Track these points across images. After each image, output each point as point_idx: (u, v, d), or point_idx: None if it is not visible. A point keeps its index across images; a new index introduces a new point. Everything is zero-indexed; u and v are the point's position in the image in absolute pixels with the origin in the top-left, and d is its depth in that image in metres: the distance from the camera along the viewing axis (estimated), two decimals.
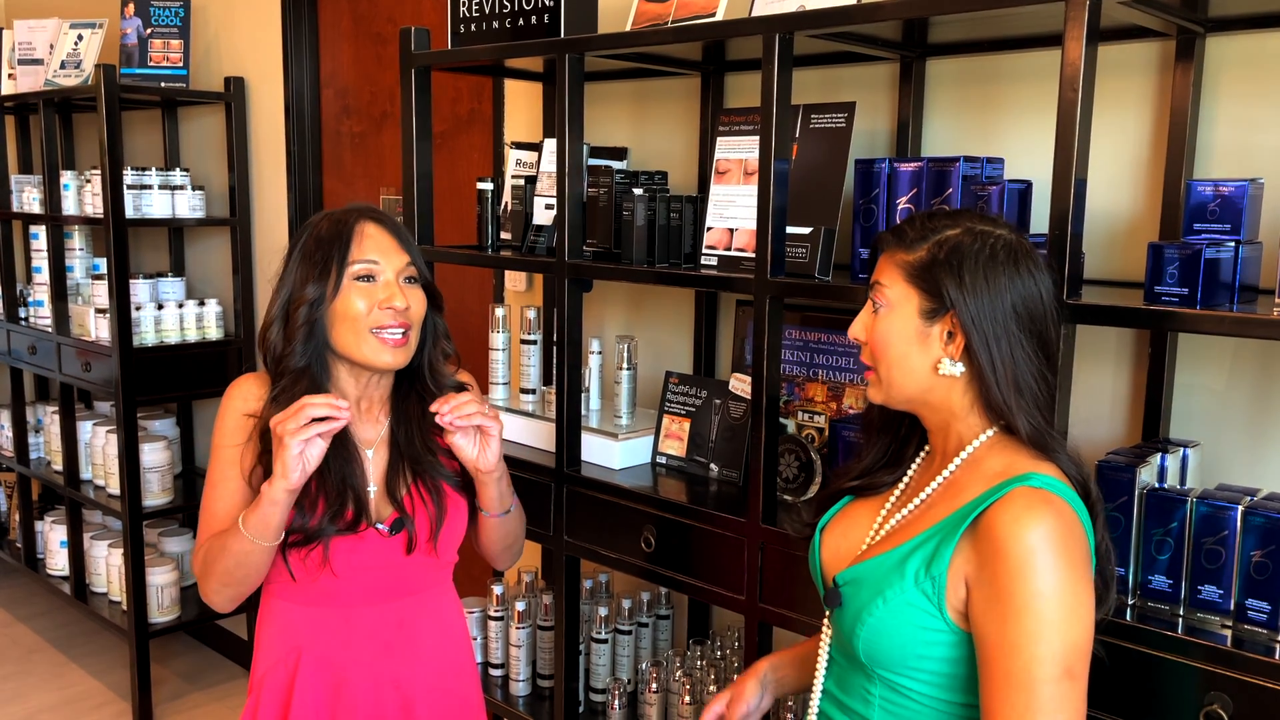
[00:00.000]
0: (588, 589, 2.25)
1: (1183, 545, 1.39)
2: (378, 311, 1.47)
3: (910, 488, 1.31)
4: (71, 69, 3.44)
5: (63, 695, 3.46)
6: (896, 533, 1.24)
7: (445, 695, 1.62)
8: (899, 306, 1.21)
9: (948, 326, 1.19)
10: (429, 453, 1.57)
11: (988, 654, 1.10)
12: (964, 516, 1.15)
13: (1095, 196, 1.63)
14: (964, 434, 1.23)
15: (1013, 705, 1.08)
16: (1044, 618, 1.07)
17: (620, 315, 2.44)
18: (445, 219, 2.80)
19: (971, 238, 1.19)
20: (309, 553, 1.48)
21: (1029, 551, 1.08)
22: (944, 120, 1.87)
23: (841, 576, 1.24)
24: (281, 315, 1.50)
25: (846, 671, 1.27)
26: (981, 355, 1.16)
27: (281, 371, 1.50)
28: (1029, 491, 1.12)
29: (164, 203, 3.35)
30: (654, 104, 2.33)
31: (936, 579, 1.15)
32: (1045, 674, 1.07)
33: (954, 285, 1.16)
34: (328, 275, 1.47)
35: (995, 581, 1.09)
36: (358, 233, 1.50)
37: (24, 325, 3.70)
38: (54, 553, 3.80)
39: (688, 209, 1.94)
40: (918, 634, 1.16)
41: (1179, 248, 1.34)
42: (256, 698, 1.57)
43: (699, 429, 2.00)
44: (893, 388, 1.24)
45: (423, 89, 2.20)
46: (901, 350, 1.21)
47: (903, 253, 1.22)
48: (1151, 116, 1.65)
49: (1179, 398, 1.64)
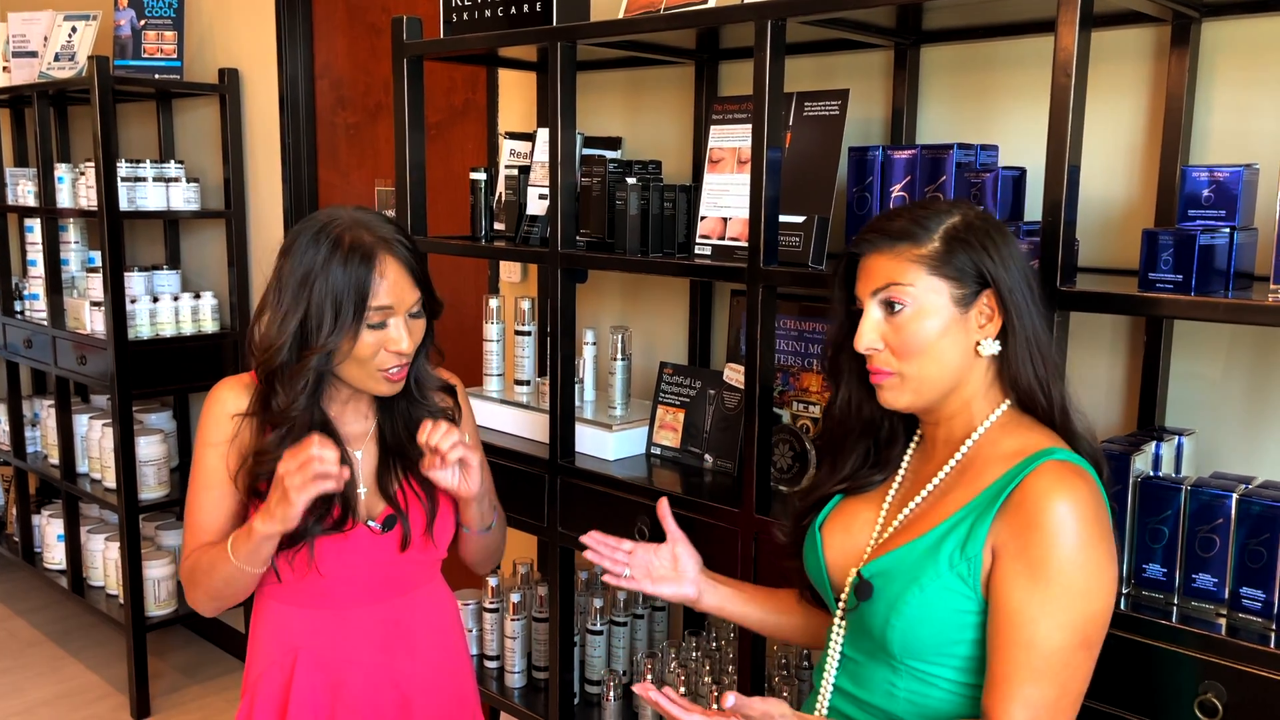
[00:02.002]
0: (583, 581, 2.25)
1: (1177, 533, 1.38)
2: (384, 354, 1.45)
3: (911, 477, 1.31)
4: (66, 61, 3.43)
5: (60, 689, 3.46)
6: (915, 521, 1.24)
7: (442, 690, 1.62)
8: (926, 300, 1.19)
9: (985, 306, 1.20)
10: (416, 446, 1.55)
11: (1007, 619, 1.11)
12: (996, 494, 1.16)
13: (1090, 183, 1.62)
14: (973, 416, 1.23)
15: (1029, 667, 1.09)
16: (1070, 587, 1.09)
17: (615, 306, 2.43)
18: (440, 210, 2.78)
19: (974, 216, 1.21)
20: (295, 554, 1.47)
21: (1060, 521, 1.09)
22: (938, 108, 1.86)
23: (868, 570, 1.23)
24: (292, 346, 1.43)
25: (865, 667, 1.26)
26: (1021, 328, 1.18)
27: (283, 409, 1.45)
28: (1059, 464, 1.13)
29: (159, 195, 3.34)
30: (648, 93, 2.32)
31: (972, 560, 1.15)
32: (1065, 642, 1.09)
33: (989, 261, 1.18)
34: (345, 324, 1.41)
35: (1026, 550, 1.11)
36: (378, 273, 1.42)
37: (19, 319, 3.69)
38: (51, 546, 3.80)
39: (681, 198, 1.93)
40: (953, 618, 1.16)
41: (1173, 234, 1.33)
42: (251, 699, 1.56)
43: (693, 419, 1.99)
44: (925, 385, 1.21)
45: (415, 79, 2.19)
46: (940, 345, 1.20)
47: (913, 248, 1.20)
48: (1146, 103, 1.64)
49: (1174, 386, 1.63)
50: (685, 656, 2.06)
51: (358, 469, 1.54)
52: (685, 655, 2.07)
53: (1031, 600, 1.10)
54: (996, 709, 1.12)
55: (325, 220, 1.46)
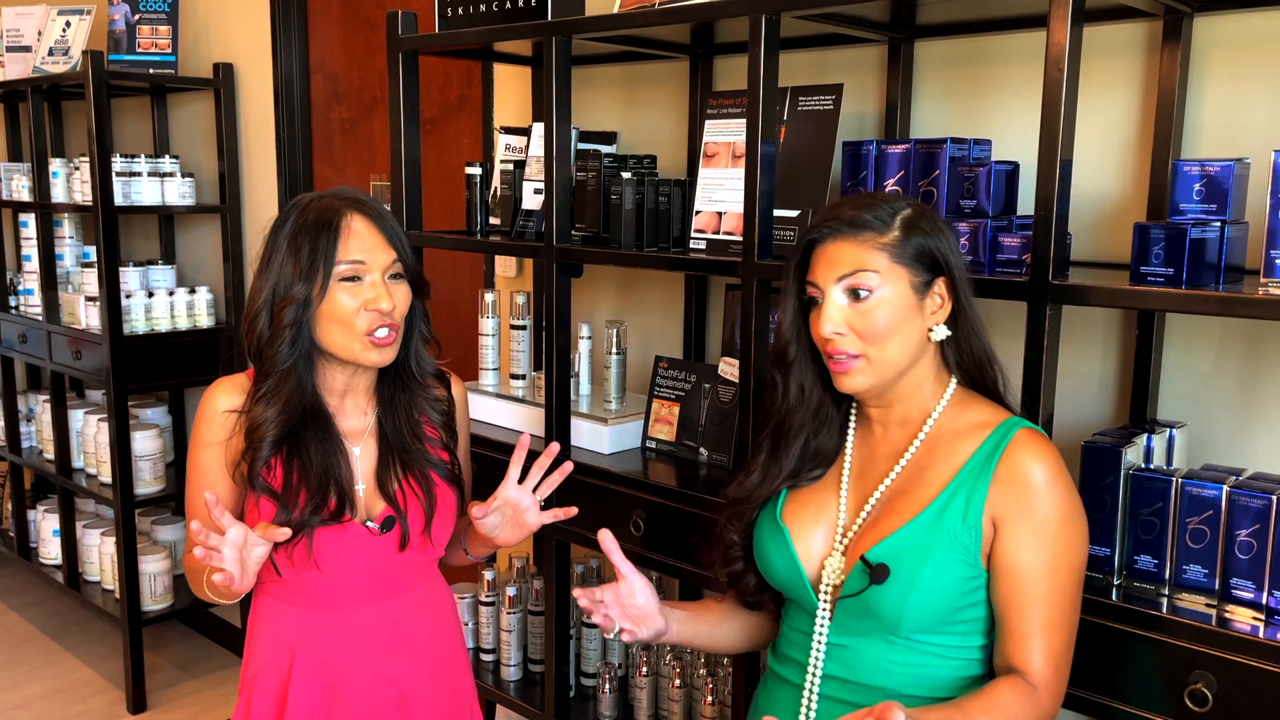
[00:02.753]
0: (579, 574, 2.26)
1: (1168, 525, 1.39)
2: (364, 313, 1.45)
3: (865, 460, 1.34)
4: (60, 55, 3.42)
5: (57, 684, 3.46)
6: (895, 500, 1.28)
7: (440, 690, 1.61)
8: (888, 287, 1.25)
9: (938, 293, 1.27)
10: (417, 440, 1.56)
11: (1022, 580, 1.20)
12: (984, 463, 1.23)
13: (1082, 178, 1.63)
14: (925, 400, 1.31)
15: (1047, 620, 1.20)
16: (1069, 540, 1.21)
17: (610, 300, 2.43)
18: (435, 204, 2.79)
19: (922, 208, 1.29)
20: (294, 547, 1.46)
21: (1050, 482, 1.21)
22: (932, 102, 1.87)
23: (874, 553, 1.24)
24: (268, 309, 1.47)
25: (855, 651, 1.28)
26: (968, 310, 1.27)
27: (267, 371, 1.47)
28: (1030, 433, 1.24)
29: (153, 190, 3.33)
30: (643, 88, 2.32)
31: (973, 529, 1.22)
32: (1071, 591, 1.22)
33: (945, 251, 1.26)
34: (314, 276, 1.43)
35: (1030, 515, 1.20)
36: (344, 228, 1.45)
37: (14, 314, 3.69)
38: (47, 541, 3.80)
39: (676, 192, 1.93)
40: (960, 586, 1.23)
41: (1165, 228, 1.34)
42: (248, 698, 1.55)
43: (689, 413, 2.00)
44: (885, 368, 1.26)
45: (410, 73, 2.19)
46: (901, 329, 1.26)
47: (876, 237, 1.26)
48: (1139, 97, 1.65)
49: (1166, 379, 1.64)
50: (680, 649, 2.07)
51: (355, 465, 1.54)
52: (680, 648, 2.08)
53: (1042, 560, 1.20)
54: (1024, 664, 1.20)
55: (297, 199, 1.52)
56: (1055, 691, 1.21)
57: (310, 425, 1.49)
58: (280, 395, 1.46)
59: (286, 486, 1.46)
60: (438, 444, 1.59)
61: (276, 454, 1.47)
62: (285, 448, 1.48)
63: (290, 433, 1.47)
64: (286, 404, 1.46)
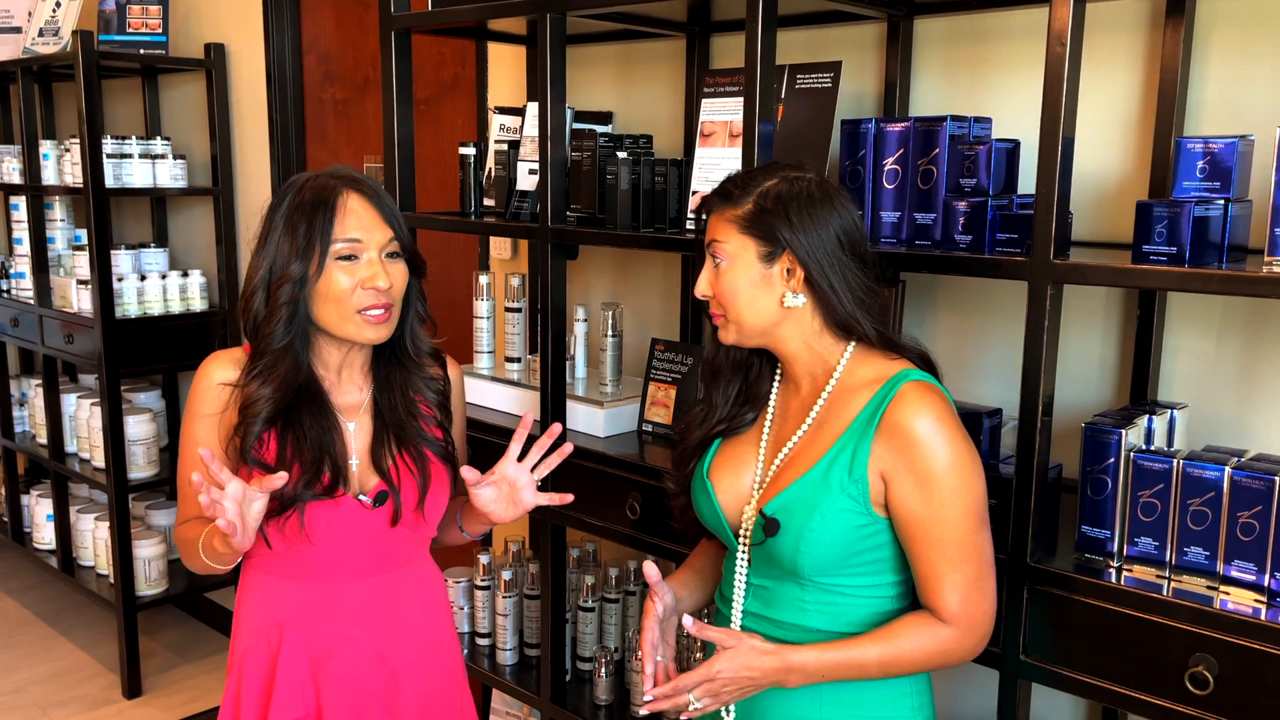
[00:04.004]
0: (575, 558, 2.24)
1: (1169, 507, 1.38)
2: (360, 292, 1.46)
3: (781, 415, 1.43)
4: (50, 36, 3.38)
5: (52, 668, 3.45)
6: (798, 455, 1.36)
7: (430, 668, 1.61)
8: (738, 257, 1.34)
9: (786, 264, 1.33)
10: (411, 418, 1.56)
11: (917, 527, 1.28)
12: (868, 419, 1.30)
13: (1084, 156, 1.61)
14: (826, 356, 1.37)
15: (948, 560, 1.28)
16: (957, 483, 1.27)
17: (606, 282, 2.41)
18: (430, 185, 2.76)
19: (788, 184, 1.33)
20: (285, 520, 1.46)
21: (931, 432, 1.27)
22: (932, 80, 1.85)
23: (770, 507, 1.34)
24: (264, 287, 1.47)
25: (773, 591, 1.38)
26: (821, 282, 1.32)
27: (262, 349, 1.48)
28: (914, 385, 1.30)
29: (145, 172, 3.31)
30: (640, 67, 2.30)
31: (859, 480, 1.30)
32: (969, 527, 1.28)
33: (785, 227, 1.31)
34: (311, 254, 1.44)
35: (913, 467, 1.27)
36: (340, 207, 1.46)
37: (6, 297, 3.66)
38: (40, 526, 3.78)
39: (672, 173, 1.91)
40: (852, 534, 1.31)
41: (1167, 206, 1.32)
42: (238, 674, 1.55)
43: (685, 396, 1.98)
44: (744, 328, 1.36)
45: (403, 52, 2.16)
46: (749, 295, 1.34)
47: (731, 209, 1.35)
48: (1141, 74, 1.63)
49: (1167, 360, 1.62)
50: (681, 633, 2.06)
51: (350, 440, 1.54)
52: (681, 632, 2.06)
53: (930, 506, 1.27)
54: (934, 600, 1.29)
55: (294, 178, 1.52)
56: (967, 625, 1.29)
57: (305, 401, 1.49)
58: (276, 373, 1.47)
59: (280, 460, 1.46)
60: (432, 422, 1.59)
61: (270, 429, 1.48)
62: (280, 422, 1.48)
63: (285, 408, 1.48)
64: (282, 382, 1.47)
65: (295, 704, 1.51)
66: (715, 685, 1.30)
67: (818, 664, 1.30)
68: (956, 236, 1.52)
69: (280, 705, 1.51)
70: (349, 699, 1.53)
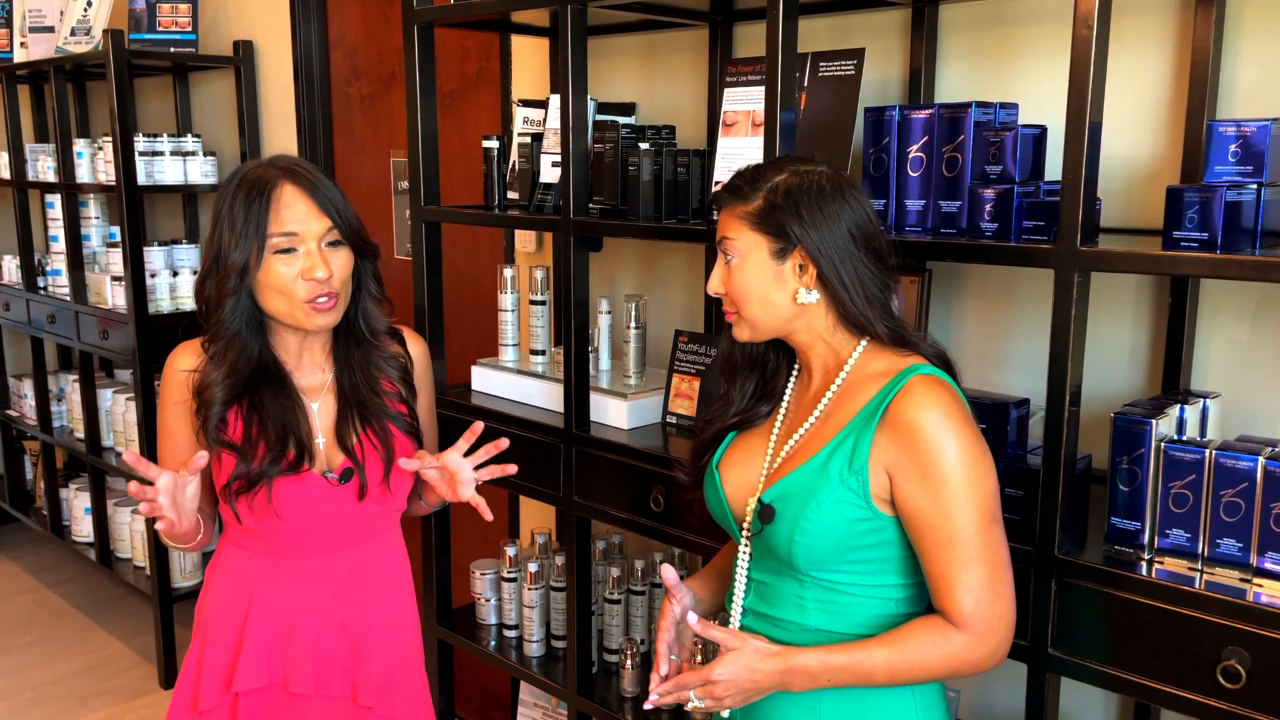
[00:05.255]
0: (601, 550, 2.24)
1: (1201, 499, 1.35)
2: (301, 282, 1.50)
3: (794, 408, 1.41)
4: (82, 35, 3.43)
5: (90, 659, 3.51)
6: (803, 446, 1.35)
7: (392, 639, 1.67)
8: (750, 254, 1.32)
9: (798, 260, 1.31)
10: (374, 394, 1.61)
11: (925, 525, 1.25)
12: (872, 412, 1.28)
13: (1112, 141, 1.58)
14: (839, 350, 1.35)
15: (958, 559, 1.23)
16: (966, 479, 1.23)
17: (630, 274, 2.41)
18: (456, 179, 2.77)
19: (798, 179, 1.31)
20: (254, 496, 1.52)
21: (938, 428, 1.23)
22: (957, 67, 1.82)
23: (768, 495, 1.33)
24: (213, 274, 1.52)
25: (772, 587, 1.36)
26: (833, 279, 1.29)
27: (213, 335, 1.54)
28: (922, 379, 1.27)
29: (176, 169, 3.34)
30: (662, 57, 2.29)
31: (859, 472, 1.27)
32: (978, 525, 1.23)
33: (795, 222, 1.29)
34: (249, 245, 1.48)
35: (919, 462, 1.24)
36: (275, 200, 1.49)
37: (43, 294, 3.71)
38: (79, 519, 3.84)
39: (695, 163, 1.90)
40: (850, 526, 1.28)
41: (1198, 191, 1.29)
42: (202, 641, 1.61)
43: (709, 388, 1.97)
44: (758, 325, 1.35)
45: (426, 46, 2.16)
46: (761, 292, 1.32)
47: (742, 206, 1.33)
48: (1171, 56, 1.59)
49: (1200, 348, 1.59)
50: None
51: (314, 421, 1.59)
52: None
53: (938, 504, 1.23)
54: (946, 603, 1.25)
55: (239, 167, 1.56)
56: (980, 630, 1.24)
57: (265, 382, 1.56)
58: (226, 358, 1.53)
59: (246, 439, 1.52)
60: (395, 398, 1.64)
61: (233, 410, 1.54)
62: (246, 403, 1.54)
63: (245, 390, 1.54)
64: (233, 367, 1.53)
65: (260, 672, 1.57)
66: (716, 689, 1.28)
67: (821, 667, 1.27)
68: (982, 224, 1.50)
69: (245, 673, 1.56)
70: (313, 668, 1.59)
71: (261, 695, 1.58)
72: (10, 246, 4.11)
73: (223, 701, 1.58)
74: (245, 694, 1.57)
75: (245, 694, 1.57)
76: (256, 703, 1.58)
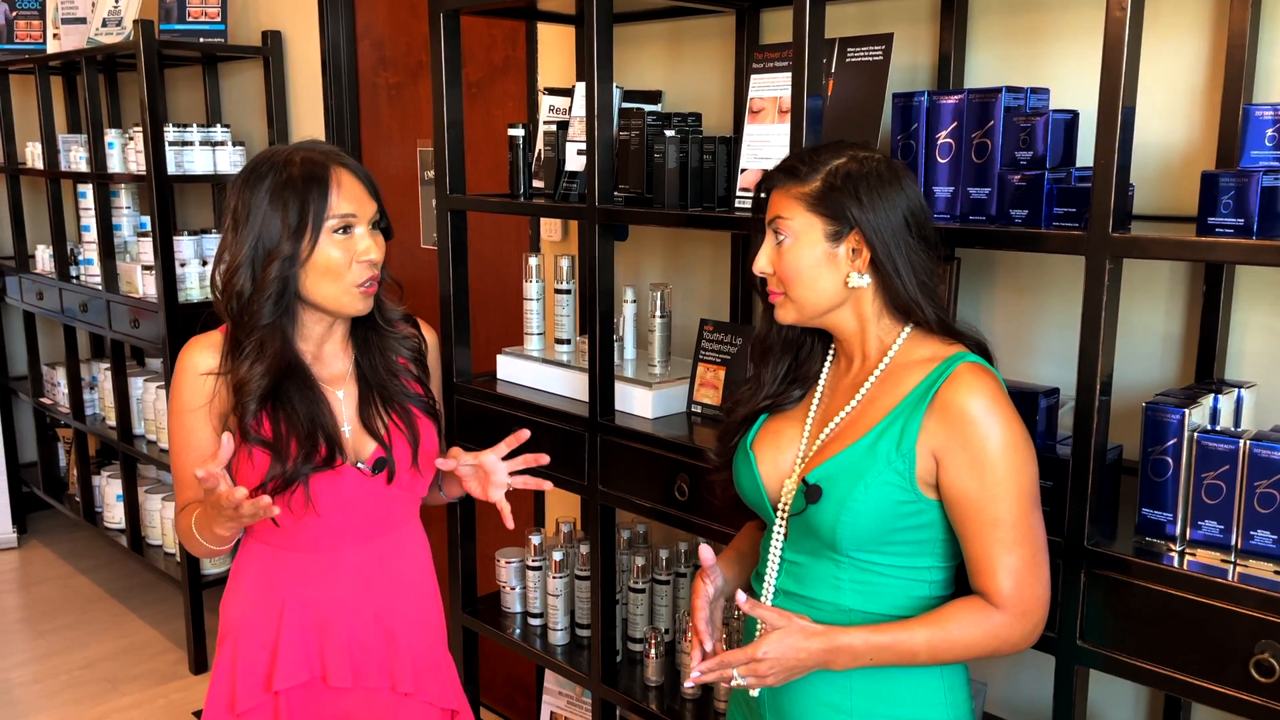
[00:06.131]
0: (625, 539, 2.24)
1: (1235, 490, 1.33)
2: (356, 266, 1.49)
3: (830, 392, 1.42)
4: (113, 26, 3.46)
5: (121, 644, 3.55)
6: (846, 429, 1.36)
7: (422, 625, 1.68)
8: (804, 234, 1.33)
9: (852, 244, 1.32)
10: (393, 376, 1.62)
11: (970, 508, 1.27)
12: (920, 397, 1.30)
13: (1146, 126, 1.55)
14: (882, 337, 1.37)
15: (1002, 542, 1.26)
16: (1012, 464, 1.26)
17: (655, 263, 2.40)
18: (481, 168, 2.77)
19: (858, 163, 1.32)
20: (291, 496, 1.50)
21: (986, 414, 1.26)
22: (987, 52, 1.79)
23: (813, 475, 1.34)
24: (250, 264, 1.47)
25: (807, 568, 1.37)
26: (887, 264, 1.31)
27: (250, 328, 1.48)
28: (969, 367, 1.29)
29: (205, 159, 3.37)
30: (688, 45, 2.27)
31: (906, 455, 1.29)
32: (1023, 509, 1.27)
33: (855, 206, 1.30)
34: (303, 230, 1.46)
35: (968, 447, 1.26)
36: (334, 182, 1.48)
37: (75, 283, 3.76)
38: (111, 506, 3.89)
39: (721, 150, 1.89)
40: (894, 509, 1.30)
41: (1234, 176, 1.26)
42: (234, 642, 1.58)
43: (735, 377, 1.96)
44: (805, 307, 1.36)
45: (452, 35, 2.16)
46: (812, 274, 1.33)
47: (798, 186, 1.33)
48: (1207, 40, 1.56)
49: (1234, 336, 1.57)
50: (727, 615, 2.05)
51: (340, 409, 1.58)
52: (727, 614, 2.05)
53: (984, 486, 1.26)
54: (986, 583, 1.28)
55: (271, 153, 1.53)
56: (1020, 611, 1.27)
57: (289, 377, 1.52)
58: (267, 352, 1.49)
59: (276, 439, 1.49)
60: (410, 377, 1.65)
61: (261, 408, 1.50)
62: (268, 403, 1.51)
63: (272, 387, 1.51)
64: (274, 359, 1.50)
65: (300, 669, 1.56)
66: (760, 667, 1.29)
67: (865, 645, 1.29)
68: (1012, 211, 1.48)
69: (285, 671, 1.55)
70: (350, 660, 1.59)
71: (302, 692, 1.57)
72: (43, 236, 4.16)
73: (262, 701, 1.56)
74: (285, 691, 1.56)
75: (285, 691, 1.56)
76: (298, 699, 1.57)
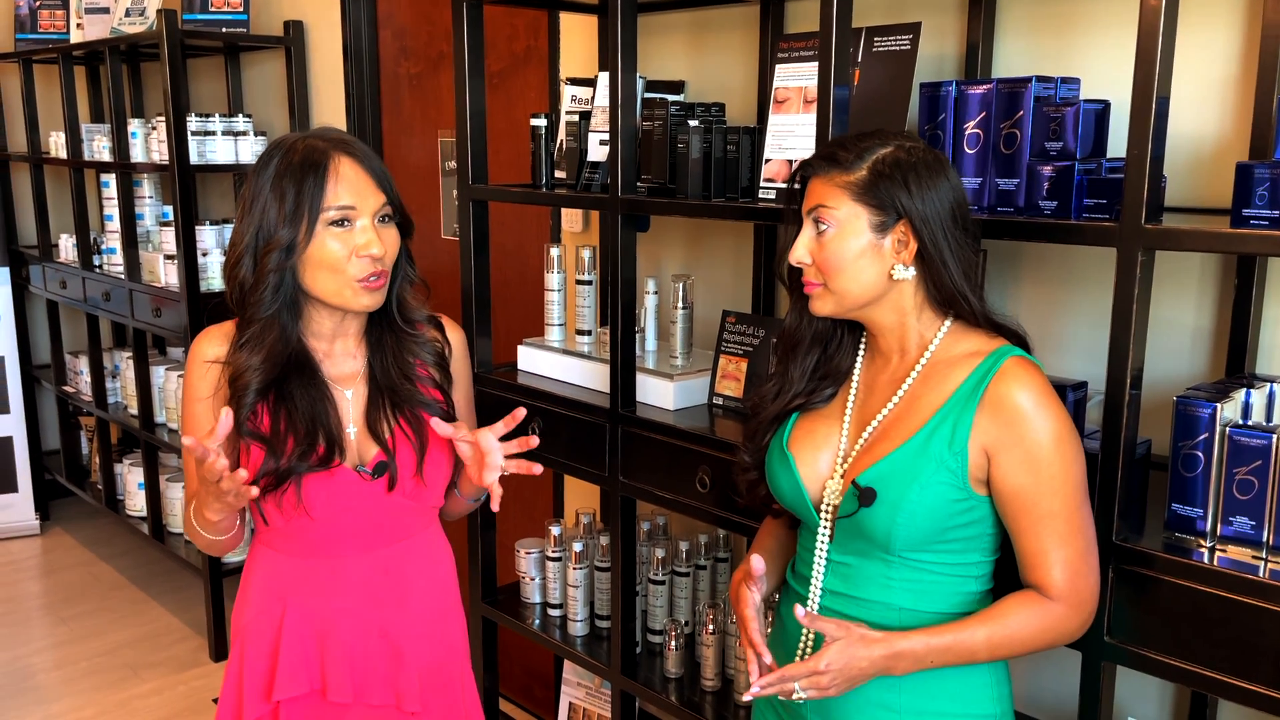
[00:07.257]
0: (645, 531, 2.24)
1: (1267, 485, 1.31)
2: (356, 260, 1.42)
3: (866, 389, 1.39)
4: (136, 16, 3.47)
5: (143, 631, 3.58)
6: (891, 427, 1.33)
7: (433, 641, 1.60)
8: (848, 224, 1.30)
9: (899, 235, 1.29)
10: (406, 380, 1.54)
11: (1024, 503, 1.26)
12: (970, 393, 1.28)
13: (1179, 117, 1.53)
14: (922, 331, 1.34)
15: (1056, 535, 1.26)
16: (1064, 458, 1.26)
17: (677, 254, 2.39)
18: (504, 158, 2.77)
19: (905, 152, 1.29)
20: (282, 495, 1.44)
21: (1037, 408, 1.25)
22: (1016, 41, 1.77)
23: (864, 478, 1.31)
24: (251, 254, 1.43)
25: (855, 568, 1.35)
26: (935, 255, 1.28)
27: (249, 318, 1.45)
28: (1016, 361, 1.28)
29: (227, 149, 3.37)
30: (712, 34, 2.26)
31: (959, 453, 1.27)
32: (1075, 501, 1.27)
33: (904, 195, 1.27)
34: (300, 220, 1.40)
35: (1021, 441, 1.25)
36: (332, 171, 1.41)
37: (98, 272, 3.78)
38: (132, 494, 3.91)
39: (745, 140, 1.87)
40: (948, 507, 1.28)
41: (1269, 167, 1.24)
42: (240, 650, 1.55)
43: (757, 369, 1.95)
44: (846, 299, 1.32)
45: (474, 24, 2.15)
46: (856, 265, 1.30)
47: (842, 175, 1.30)
48: (1241, 30, 1.54)
49: (1267, 330, 1.54)
50: None
51: (347, 409, 1.51)
52: None
53: (1039, 480, 1.25)
54: (1040, 576, 1.27)
55: (281, 140, 1.48)
56: (1075, 602, 1.27)
57: (294, 371, 1.47)
58: (264, 343, 1.44)
59: (274, 434, 1.44)
60: (429, 383, 1.56)
61: (262, 401, 1.45)
62: (271, 395, 1.46)
63: (275, 380, 1.45)
64: (270, 351, 1.44)
65: (299, 680, 1.50)
66: (823, 679, 1.25)
67: (926, 649, 1.27)
68: (1041, 203, 1.46)
69: (284, 681, 1.49)
70: (351, 675, 1.52)
71: (302, 704, 1.52)
72: (67, 225, 4.18)
73: (265, 711, 1.52)
74: (286, 703, 1.51)
75: (286, 703, 1.51)
76: (298, 712, 1.52)
